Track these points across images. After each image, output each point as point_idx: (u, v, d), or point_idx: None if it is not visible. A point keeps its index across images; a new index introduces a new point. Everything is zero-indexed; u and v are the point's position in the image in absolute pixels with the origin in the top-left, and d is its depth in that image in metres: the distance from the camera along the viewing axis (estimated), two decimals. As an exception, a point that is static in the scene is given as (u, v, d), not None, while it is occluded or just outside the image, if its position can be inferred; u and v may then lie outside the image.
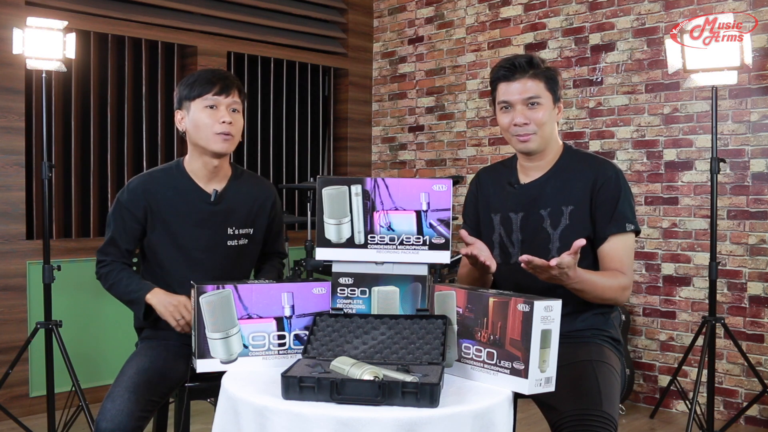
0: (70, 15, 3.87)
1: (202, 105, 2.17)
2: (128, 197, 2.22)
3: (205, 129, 2.17)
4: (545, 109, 2.09)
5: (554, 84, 2.11)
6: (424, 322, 1.85)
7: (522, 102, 2.08)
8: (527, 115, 2.08)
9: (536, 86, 2.08)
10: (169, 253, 2.21)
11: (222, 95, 2.17)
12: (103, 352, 4.01)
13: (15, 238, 3.79)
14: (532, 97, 2.08)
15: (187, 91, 2.20)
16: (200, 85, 2.18)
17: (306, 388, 1.59)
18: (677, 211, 3.97)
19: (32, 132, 3.91)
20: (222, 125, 2.16)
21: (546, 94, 2.09)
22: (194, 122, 2.19)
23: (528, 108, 2.08)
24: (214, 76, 2.19)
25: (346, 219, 1.92)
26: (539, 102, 2.08)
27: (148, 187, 2.23)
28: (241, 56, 4.70)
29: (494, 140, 4.69)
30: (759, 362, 3.68)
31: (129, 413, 1.92)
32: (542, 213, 2.12)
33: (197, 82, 2.19)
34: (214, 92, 2.16)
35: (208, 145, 2.18)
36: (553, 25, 4.42)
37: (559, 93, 2.13)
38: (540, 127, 2.08)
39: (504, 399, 1.68)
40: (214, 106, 2.17)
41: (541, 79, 2.09)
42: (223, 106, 2.17)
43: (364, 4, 5.30)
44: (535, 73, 2.08)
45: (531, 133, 2.09)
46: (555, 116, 2.13)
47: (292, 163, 5.07)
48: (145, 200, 2.21)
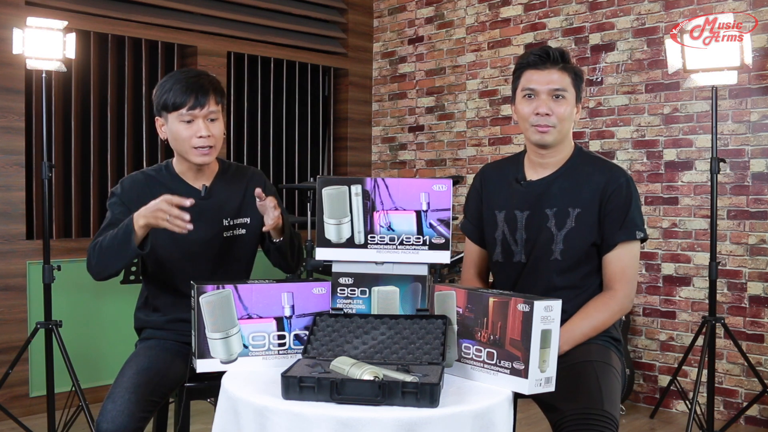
0: (70, 15, 3.86)
1: (178, 119, 2.13)
2: (122, 191, 2.21)
3: (184, 143, 2.14)
4: (568, 105, 2.07)
5: (580, 82, 2.10)
6: (424, 322, 1.85)
7: (548, 92, 2.06)
8: (551, 107, 2.05)
9: (564, 79, 2.06)
10: (167, 248, 2.21)
11: (197, 108, 2.11)
12: (103, 352, 4.01)
13: (15, 238, 3.79)
14: (558, 89, 2.05)
15: (163, 102, 2.14)
16: (174, 97, 2.12)
17: (306, 388, 1.59)
18: (677, 211, 3.97)
19: (32, 132, 3.91)
20: (200, 140, 2.13)
21: (572, 90, 2.08)
22: (173, 134, 2.16)
23: (552, 100, 2.06)
24: (188, 87, 2.12)
25: (346, 219, 1.92)
26: (564, 96, 2.06)
27: (143, 183, 2.23)
28: (241, 56, 4.70)
29: (494, 140, 4.69)
30: (759, 362, 3.68)
31: (129, 414, 1.92)
32: (547, 212, 2.11)
33: (172, 92, 2.12)
34: (188, 107, 2.11)
35: (188, 157, 2.17)
36: (553, 25, 4.42)
37: (581, 93, 2.12)
38: (561, 122, 2.06)
39: (504, 399, 1.68)
40: (190, 120, 2.13)
41: (570, 74, 2.08)
42: (199, 119, 2.13)
43: (364, 4, 5.30)
44: (566, 66, 2.07)
45: (551, 126, 2.06)
46: (574, 114, 2.11)
47: (292, 163, 5.07)
48: (138, 195, 2.18)
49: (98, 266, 2.11)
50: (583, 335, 2.03)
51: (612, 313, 2.06)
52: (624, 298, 2.08)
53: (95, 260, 2.10)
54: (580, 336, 2.03)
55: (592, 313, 2.05)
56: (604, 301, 2.07)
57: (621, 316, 2.12)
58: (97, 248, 2.09)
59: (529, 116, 2.08)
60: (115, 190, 2.23)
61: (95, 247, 2.10)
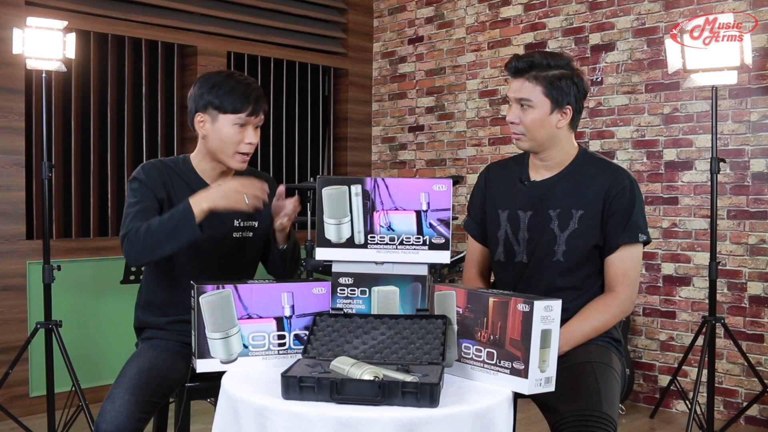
0: (70, 15, 3.86)
1: (232, 122, 2.13)
2: (147, 177, 2.18)
3: (230, 146, 2.15)
4: (537, 114, 2.06)
5: (556, 90, 2.06)
6: (424, 322, 1.85)
7: (515, 101, 2.09)
8: (518, 115, 2.09)
9: (531, 89, 2.06)
10: None
11: (253, 116, 2.15)
12: (103, 352, 4.01)
13: (15, 238, 3.79)
14: (522, 99, 2.07)
15: (218, 102, 2.13)
16: (234, 101, 2.12)
17: (306, 388, 1.60)
18: (677, 211, 3.97)
19: (32, 132, 3.91)
20: (247, 146, 2.16)
21: (542, 98, 2.06)
22: (219, 134, 2.15)
23: (521, 108, 2.08)
24: (249, 94, 2.13)
25: (346, 219, 1.92)
26: (530, 105, 2.07)
27: (163, 171, 2.21)
28: (241, 56, 4.70)
29: (494, 140, 4.69)
30: (759, 362, 3.68)
31: (129, 414, 1.91)
32: (551, 213, 2.11)
33: (231, 95, 2.12)
34: (248, 113, 2.13)
35: (227, 161, 2.17)
36: (553, 25, 4.42)
37: (564, 98, 2.07)
38: (528, 130, 2.08)
39: (504, 399, 1.68)
40: (243, 124, 2.14)
41: (540, 83, 2.06)
42: (251, 126, 2.16)
43: (364, 4, 5.30)
44: (536, 75, 2.05)
45: (519, 134, 2.10)
46: (556, 121, 2.08)
47: (292, 163, 5.07)
48: (162, 183, 2.18)
49: (146, 249, 2.03)
50: (584, 336, 2.03)
51: (613, 315, 2.06)
52: (625, 300, 2.08)
53: (141, 243, 2.03)
54: (580, 337, 2.03)
55: (593, 315, 2.05)
56: (606, 303, 2.07)
57: (622, 318, 2.12)
58: (143, 231, 2.02)
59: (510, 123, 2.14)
60: (138, 176, 2.19)
61: (138, 230, 2.03)
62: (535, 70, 2.06)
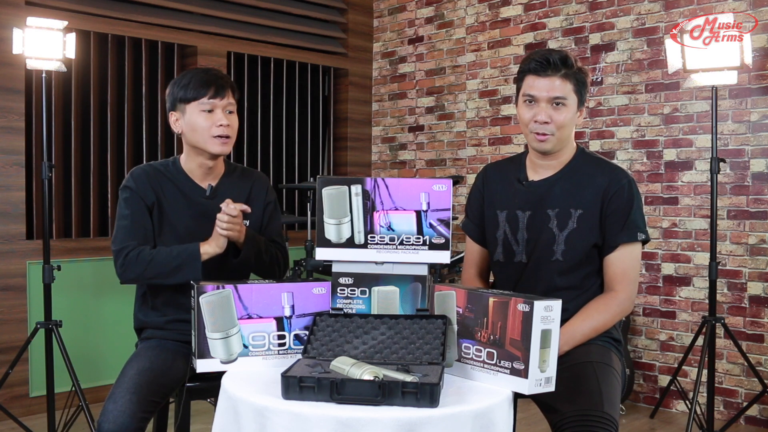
0: (70, 15, 3.86)
1: (198, 109, 2.19)
2: (136, 185, 2.23)
3: (203, 132, 2.19)
4: (569, 112, 2.05)
5: (582, 87, 2.07)
6: (424, 322, 1.86)
7: (547, 100, 2.04)
8: (550, 114, 2.04)
9: (565, 87, 2.04)
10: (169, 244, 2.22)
11: (218, 98, 2.19)
12: (103, 352, 4.01)
13: (15, 238, 3.79)
14: (558, 98, 2.03)
15: (182, 93, 2.20)
16: (195, 88, 2.18)
17: (306, 388, 1.60)
18: (677, 211, 3.97)
19: (32, 132, 3.91)
20: (219, 128, 2.19)
21: (573, 96, 2.05)
22: (191, 125, 2.21)
23: (552, 107, 2.04)
24: (209, 78, 2.19)
25: (346, 219, 1.92)
26: (564, 103, 2.04)
27: (152, 176, 2.25)
28: (241, 56, 4.70)
29: (494, 140, 4.69)
30: (759, 362, 3.68)
31: (131, 414, 1.92)
32: (549, 213, 2.11)
33: (192, 84, 2.19)
34: (210, 95, 2.18)
35: (206, 147, 2.21)
36: (553, 25, 4.42)
37: (585, 97, 2.09)
38: (559, 129, 2.05)
39: (504, 399, 1.68)
40: (210, 109, 2.19)
41: (571, 80, 2.04)
42: (219, 108, 2.20)
43: (364, 4, 5.30)
44: (567, 73, 2.04)
45: (549, 134, 2.05)
46: (576, 119, 2.09)
47: (292, 163, 5.07)
48: (151, 188, 2.23)
49: (144, 276, 2.16)
50: (583, 336, 2.03)
51: (612, 315, 2.06)
52: (625, 299, 2.08)
53: (142, 270, 2.14)
54: (580, 337, 2.03)
55: (593, 314, 2.05)
56: (605, 302, 2.07)
57: (621, 318, 2.12)
58: (146, 259, 2.14)
59: (529, 122, 2.07)
60: (128, 183, 2.24)
61: (140, 254, 2.14)
62: (566, 67, 2.04)
